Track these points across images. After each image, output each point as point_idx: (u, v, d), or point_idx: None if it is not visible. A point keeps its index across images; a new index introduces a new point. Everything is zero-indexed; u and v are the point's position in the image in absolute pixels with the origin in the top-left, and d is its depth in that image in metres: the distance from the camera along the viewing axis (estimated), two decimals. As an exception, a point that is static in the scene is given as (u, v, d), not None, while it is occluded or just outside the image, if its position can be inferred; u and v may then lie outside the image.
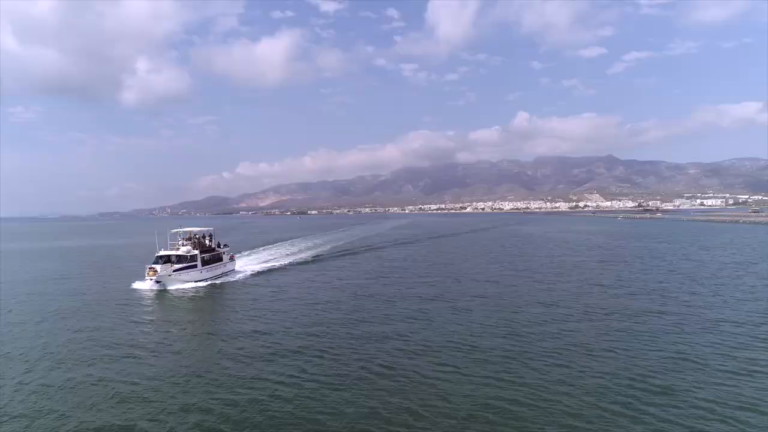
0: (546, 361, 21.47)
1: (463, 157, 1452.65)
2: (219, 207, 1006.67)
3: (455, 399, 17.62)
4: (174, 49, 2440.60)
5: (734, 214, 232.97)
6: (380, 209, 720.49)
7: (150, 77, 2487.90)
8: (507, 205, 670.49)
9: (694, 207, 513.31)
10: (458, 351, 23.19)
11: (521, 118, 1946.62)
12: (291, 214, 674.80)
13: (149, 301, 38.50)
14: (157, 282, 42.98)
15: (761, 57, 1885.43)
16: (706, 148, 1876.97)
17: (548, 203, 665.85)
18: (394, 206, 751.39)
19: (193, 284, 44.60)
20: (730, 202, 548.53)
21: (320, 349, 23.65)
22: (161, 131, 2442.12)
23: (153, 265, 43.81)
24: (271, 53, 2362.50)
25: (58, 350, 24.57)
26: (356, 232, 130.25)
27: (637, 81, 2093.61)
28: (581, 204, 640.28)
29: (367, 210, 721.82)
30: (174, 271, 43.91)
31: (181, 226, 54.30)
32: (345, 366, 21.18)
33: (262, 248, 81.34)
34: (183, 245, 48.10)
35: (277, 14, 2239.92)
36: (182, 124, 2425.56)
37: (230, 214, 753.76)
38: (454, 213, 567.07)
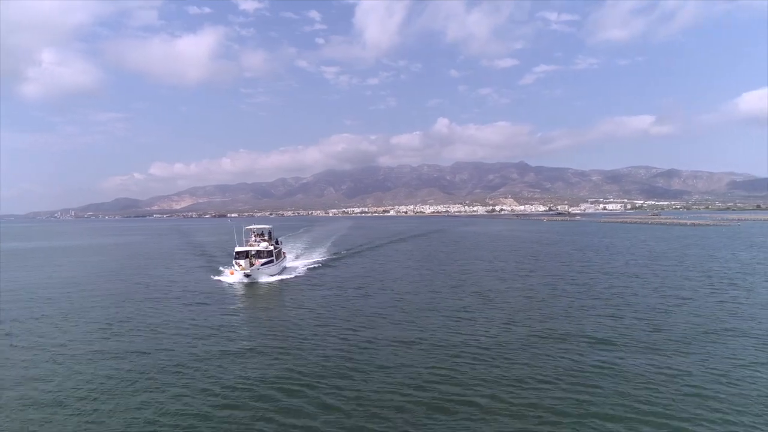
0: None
1: (384, 161, 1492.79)
2: (129, 209, 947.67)
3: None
4: (84, 41, 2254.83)
5: (638, 217, 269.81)
6: (303, 212, 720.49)
7: (56, 70, 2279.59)
8: (428, 209, 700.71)
9: (598, 211, 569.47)
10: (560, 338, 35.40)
11: (441, 124, 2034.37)
12: (211, 216, 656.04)
13: (253, 292, 41.74)
14: (247, 276, 45.38)
15: (652, 74, 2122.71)
16: (606, 157, 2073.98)
17: (467, 207, 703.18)
18: (317, 209, 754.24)
19: (276, 277, 48.45)
20: (629, 206, 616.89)
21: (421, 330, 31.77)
22: (63, 128, 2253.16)
23: (239, 260, 47.94)
24: (190, 50, 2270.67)
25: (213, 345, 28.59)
26: (326, 230, 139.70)
27: (546, 92, 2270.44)
28: (497, 208, 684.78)
29: (290, 213, 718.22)
30: (261, 265, 47.40)
31: (248, 225, 59.10)
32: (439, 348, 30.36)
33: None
34: (255, 242, 53.04)
35: (193, 10, 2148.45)
36: (88, 121, 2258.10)
37: (142, 216, 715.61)
38: (378, 216, 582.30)
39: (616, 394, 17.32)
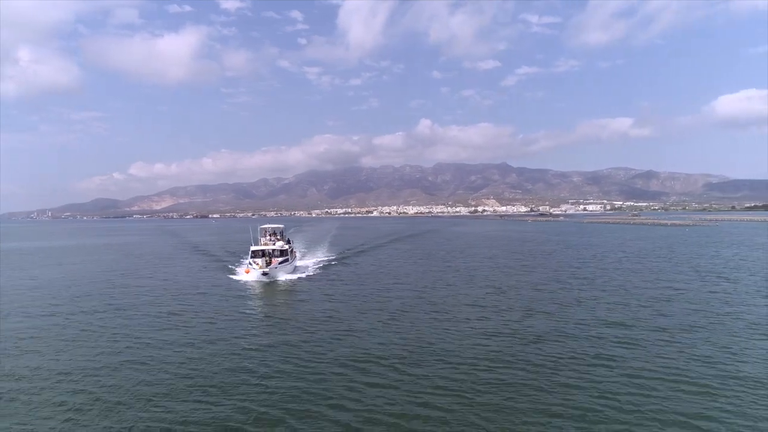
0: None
1: (367, 161, 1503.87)
2: (108, 210, 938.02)
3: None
4: (63, 39, 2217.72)
5: (620, 217, 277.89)
6: (285, 213, 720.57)
7: (33, 68, 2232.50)
8: (411, 210, 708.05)
9: (578, 211, 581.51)
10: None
11: (424, 125, 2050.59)
12: (193, 216, 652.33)
13: (278, 289, 43.84)
14: (264, 274, 46.07)
15: (632, 77, 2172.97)
16: (587, 158, 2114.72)
17: (449, 208, 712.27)
18: (300, 210, 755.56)
19: (292, 276, 49.76)
20: (608, 207, 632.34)
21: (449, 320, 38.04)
22: (40, 127, 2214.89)
23: (256, 259, 49.05)
24: (172, 50, 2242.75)
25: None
26: (317, 231, 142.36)
27: (527, 94, 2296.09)
28: (479, 208, 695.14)
29: (273, 213, 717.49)
30: (279, 264, 48.86)
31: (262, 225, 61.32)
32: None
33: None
34: (270, 241, 55.13)
35: (174, 8, 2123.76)
36: (66, 120, 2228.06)
37: (122, 217, 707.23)
38: (362, 217, 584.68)
39: (638, 361, 21.01)
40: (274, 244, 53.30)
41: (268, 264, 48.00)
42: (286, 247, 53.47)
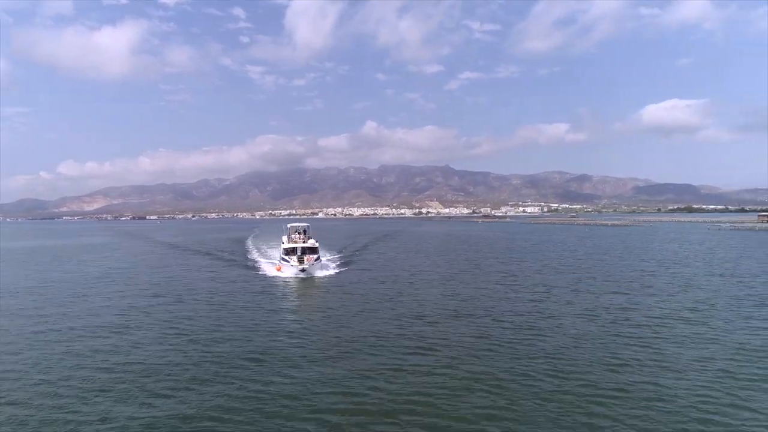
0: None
1: (311, 162, 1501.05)
2: (36, 211, 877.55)
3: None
4: None
5: (563, 218, 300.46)
6: (227, 214, 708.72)
7: None
8: (356, 211, 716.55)
9: (518, 213, 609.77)
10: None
11: (369, 127, 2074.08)
12: (131, 218, 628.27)
13: (324, 285, 45.19)
14: (302, 270, 48.34)
15: (568, 84, 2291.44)
16: (526, 162, 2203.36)
17: (394, 209, 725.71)
18: (242, 211, 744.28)
19: (326, 272, 52.84)
20: (545, 209, 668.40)
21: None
22: None
23: (291, 256, 51.68)
24: (109, 43, 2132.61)
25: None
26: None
27: (470, 98, 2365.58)
28: (423, 210, 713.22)
29: (214, 215, 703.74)
30: (314, 260, 51.75)
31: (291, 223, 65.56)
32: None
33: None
34: (300, 239, 57.79)
35: (108, 0, 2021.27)
36: None
37: (51, 219, 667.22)
38: (309, 218, 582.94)
39: (647, 311, 30.66)
40: (304, 243, 55.90)
41: (301, 261, 50.09)
42: (317, 244, 56.22)
